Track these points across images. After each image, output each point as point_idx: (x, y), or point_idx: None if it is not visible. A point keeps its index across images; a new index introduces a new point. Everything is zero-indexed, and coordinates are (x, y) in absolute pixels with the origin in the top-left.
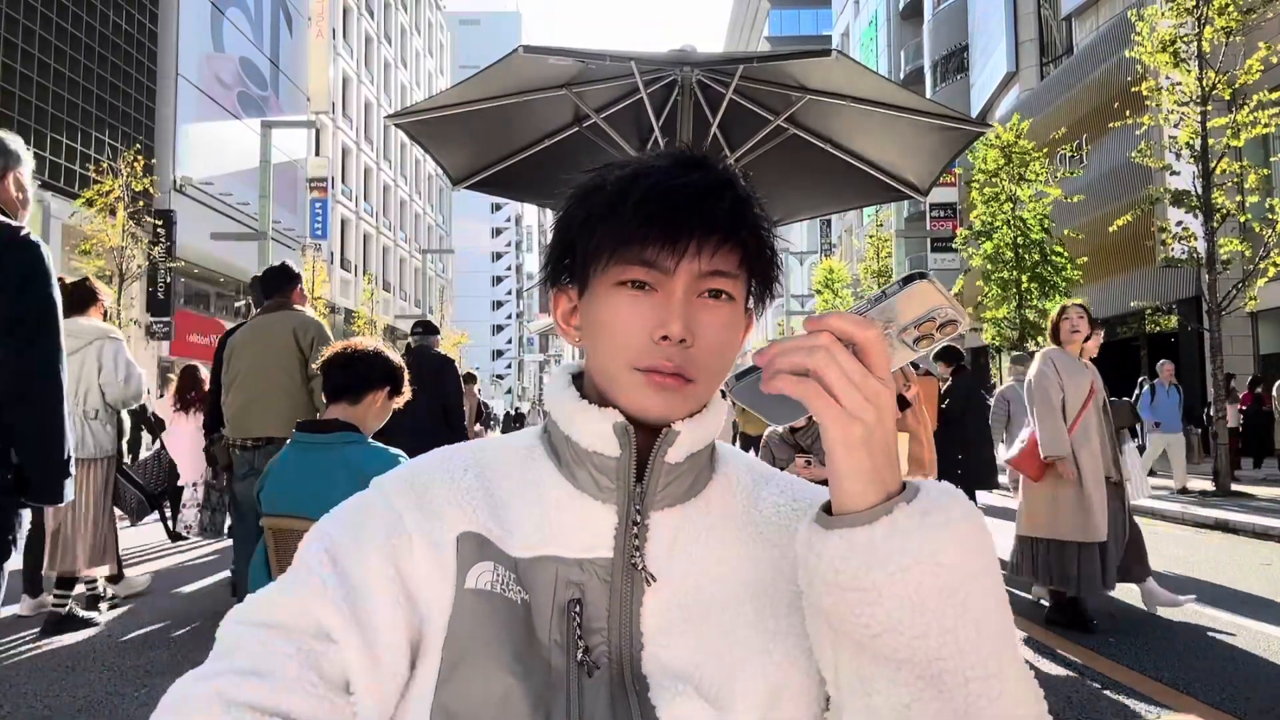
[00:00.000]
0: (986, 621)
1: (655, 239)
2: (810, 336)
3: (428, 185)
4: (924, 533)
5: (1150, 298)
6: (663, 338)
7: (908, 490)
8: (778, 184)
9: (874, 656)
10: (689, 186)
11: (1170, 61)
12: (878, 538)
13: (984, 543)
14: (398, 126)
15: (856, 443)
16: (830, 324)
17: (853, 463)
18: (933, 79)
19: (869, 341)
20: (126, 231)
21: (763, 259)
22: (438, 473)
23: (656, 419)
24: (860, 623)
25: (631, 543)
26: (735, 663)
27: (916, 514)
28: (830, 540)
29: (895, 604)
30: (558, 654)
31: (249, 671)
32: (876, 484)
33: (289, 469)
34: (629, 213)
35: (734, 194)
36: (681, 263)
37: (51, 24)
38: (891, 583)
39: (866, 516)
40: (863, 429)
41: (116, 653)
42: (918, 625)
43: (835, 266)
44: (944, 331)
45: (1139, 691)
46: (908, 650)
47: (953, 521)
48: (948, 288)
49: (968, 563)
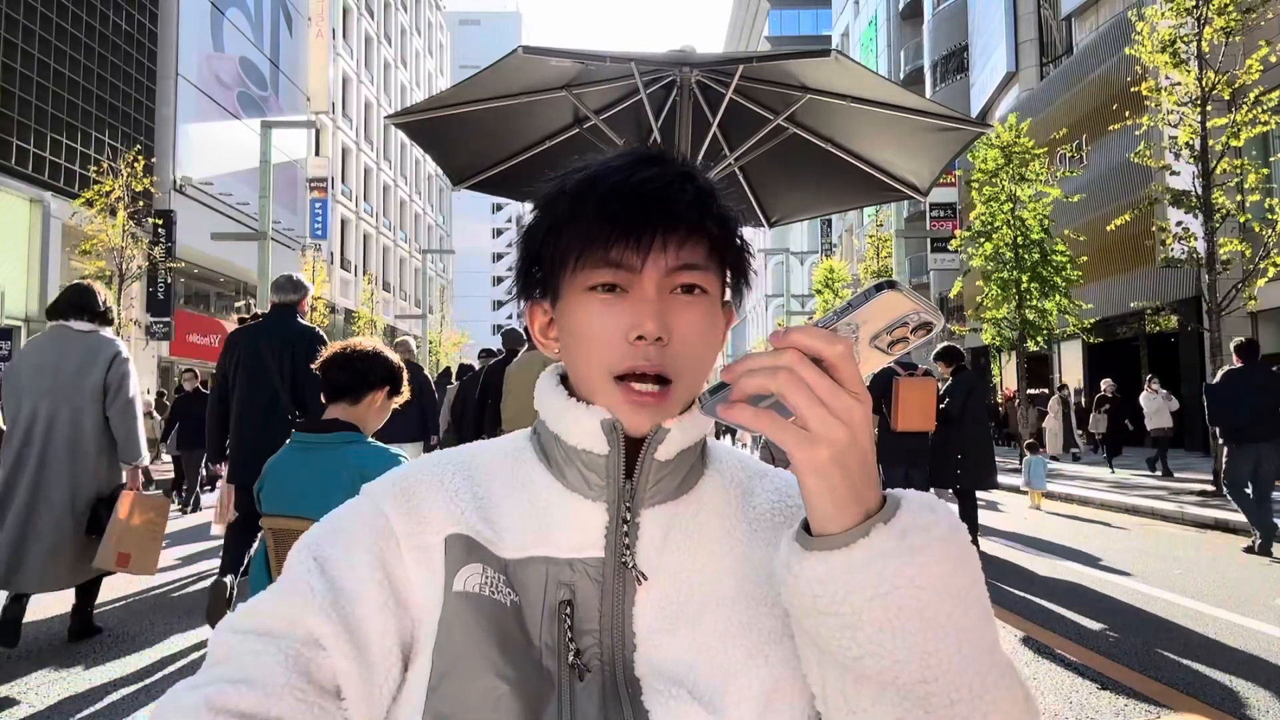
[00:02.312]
0: (971, 641)
1: (619, 238)
2: (775, 354)
3: (428, 185)
4: (902, 556)
5: (1150, 298)
6: (638, 338)
7: (887, 507)
8: (778, 184)
9: (858, 677)
10: (648, 182)
11: (1170, 61)
12: (855, 562)
13: (966, 560)
14: (397, 127)
15: (826, 466)
16: (795, 340)
17: (825, 486)
18: (933, 79)
19: (837, 357)
20: (126, 232)
21: (731, 248)
22: (426, 476)
23: (636, 435)
24: (841, 646)
25: (622, 541)
26: (729, 664)
27: (894, 535)
28: (807, 563)
29: (875, 629)
30: (549, 657)
31: (238, 680)
32: (853, 504)
33: (289, 469)
34: (590, 214)
35: (695, 186)
36: (648, 259)
37: (51, 24)
38: (870, 607)
39: (843, 539)
40: (831, 451)
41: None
42: (899, 649)
43: (835, 266)
44: (918, 334)
45: (1139, 691)
46: (891, 673)
47: (933, 541)
48: (948, 288)
49: (949, 583)
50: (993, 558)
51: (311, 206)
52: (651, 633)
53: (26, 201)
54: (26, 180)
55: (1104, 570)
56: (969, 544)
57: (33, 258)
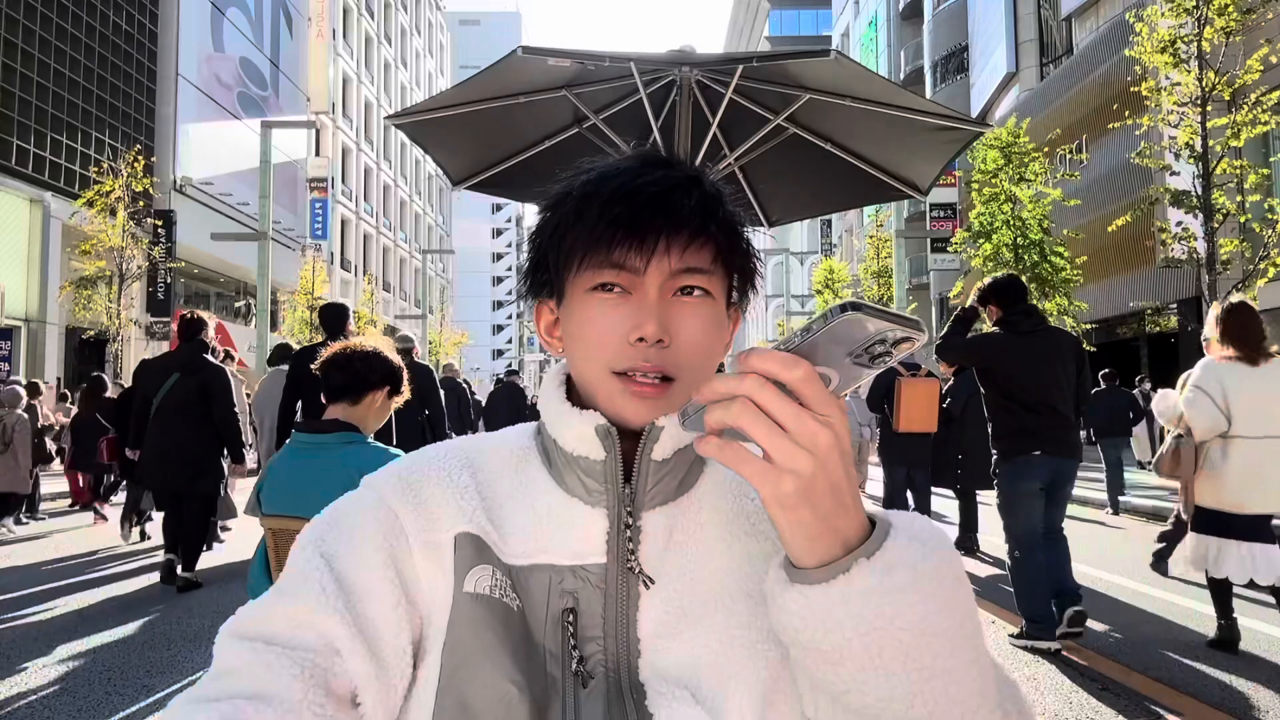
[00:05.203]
0: (959, 683)
1: (622, 240)
2: (734, 380)
3: (428, 185)
4: (884, 595)
5: (1150, 298)
6: (639, 340)
7: (872, 538)
8: (778, 184)
9: (846, 708)
10: (654, 185)
11: (1170, 62)
12: (834, 599)
13: (955, 595)
14: (397, 127)
15: (793, 498)
16: (754, 365)
17: (792, 519)
18: (933, 79)
19: (799, 380)
20: (126, 232)
21: (737, 253)
22: (431, 470)
23: (636, 426)
24: (826, 680)
25: (626, 546)
26: (730, 664)
27: (877, 572)
28: (789, 596)
29: (857, 667)
30: (553, 664)
31: (253, 695)
32: (828, 536)
33: (288, 469)
34: (594, 216)
35: (700, 190)
36: (651, 262)
37: (51, 24)
38: (850, 646)
39: (822, 575)
40: (795, 482)
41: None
42: (883, 688)
43: (835, 266)
44: (900, 348)
45: (1139, 691)
46: (875, 709)
47: (920, 579)
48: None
49: (936, 624)
50: (995, 559)
51: (311, 206)
52: (655, 637)
53: (27, 201)
54: (27, 180)
55: (1104, 570)
56: (961, 577)
57: (33, 258)
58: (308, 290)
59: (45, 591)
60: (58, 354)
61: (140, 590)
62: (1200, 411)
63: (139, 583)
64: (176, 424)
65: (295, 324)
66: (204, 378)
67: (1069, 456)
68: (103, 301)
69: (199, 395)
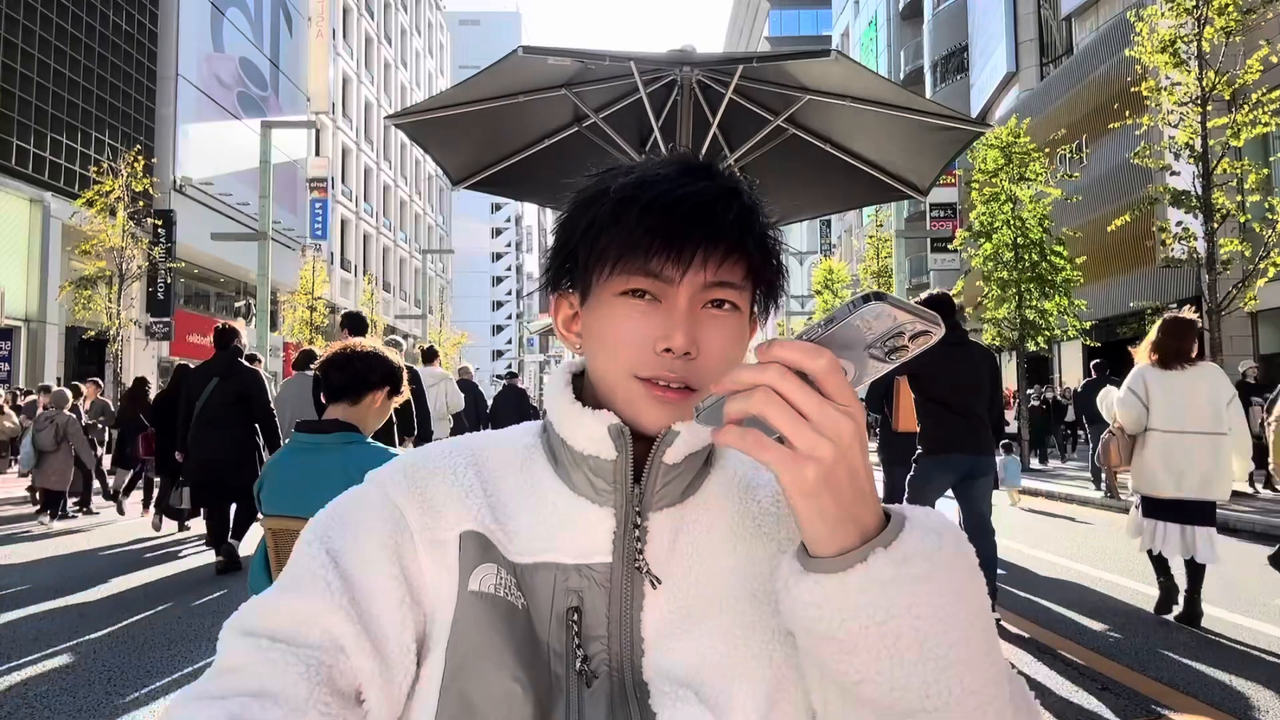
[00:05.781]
0: (972, 670)
1: (660, 249)
2: (756, 370)
3: (428, 185)
4: (901, 584)
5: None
6: (665, 350)
7: (889, 528)
8: (778, 184)
9: (858, 699)
10: (695, 195)
11: (1170, 62)
12: (851, 588)
13: (970, 587)
14: (397, 127)
15: (814, 485)
16: (776, 354)
17: (814, 507)
18: (933, 79)
19: (822, 370)
20: (126, 232)
21: (769, 268)
22: (436, 468)
23: (652, 430)
24: (839, 669)
25: (633, 546)
26: (734, 665)
27: (894, 562)
28: (804, 584)
29: (872, 656)
30: (557, 662)
31: (258, 693)
32: (847, 525)
33: (288, 469)
34: (633, 221)
35: (740, 203)
36: (686, 274)
37: (51, 24)
38: (866, 634)
39: (839, 563)
40: (817, 469)
41: None
42: (897, 678)
43: (835, 267)
44: (917, 342)
45: (1139, 691)
46: (888, 700)
47: (936, 570)
48: (948, 288)
49: (951, 614)
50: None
51: (311, 206)
52: (660, 637)
53: (27, 201)
54: (27, 180)
55: (1104, 570)
56: (975, 570)
57: (33, 258)
58: (308, 290)
59: (46, 591)
60: (58, 354)
61: (141, 590)
62: (1127, 409)
63: (139, 581)
64: (218, 425)
65: (295, 324)
66: (241, 382)
67: (984, 453)
68: (102, 301)
69: (236, 398)
